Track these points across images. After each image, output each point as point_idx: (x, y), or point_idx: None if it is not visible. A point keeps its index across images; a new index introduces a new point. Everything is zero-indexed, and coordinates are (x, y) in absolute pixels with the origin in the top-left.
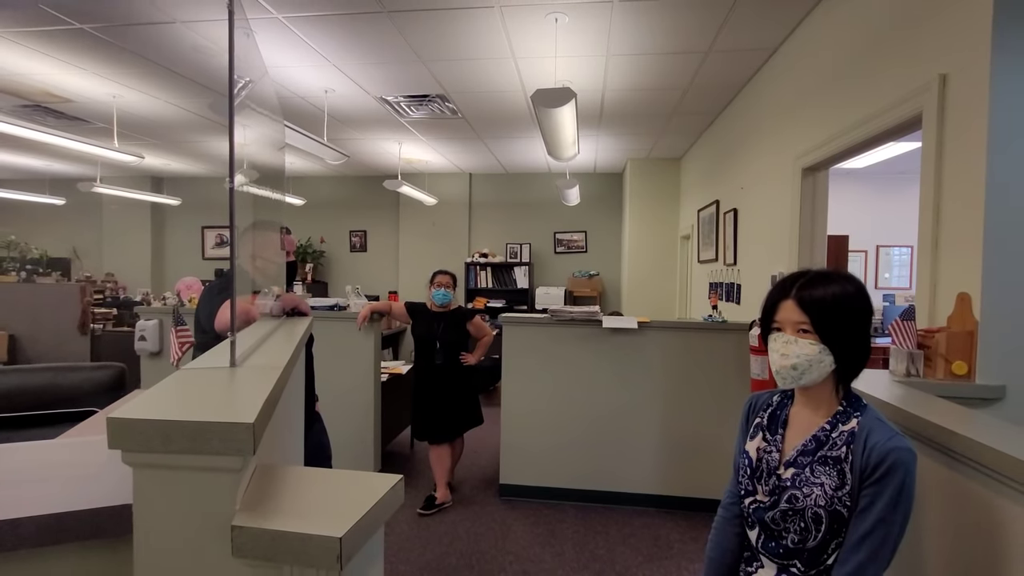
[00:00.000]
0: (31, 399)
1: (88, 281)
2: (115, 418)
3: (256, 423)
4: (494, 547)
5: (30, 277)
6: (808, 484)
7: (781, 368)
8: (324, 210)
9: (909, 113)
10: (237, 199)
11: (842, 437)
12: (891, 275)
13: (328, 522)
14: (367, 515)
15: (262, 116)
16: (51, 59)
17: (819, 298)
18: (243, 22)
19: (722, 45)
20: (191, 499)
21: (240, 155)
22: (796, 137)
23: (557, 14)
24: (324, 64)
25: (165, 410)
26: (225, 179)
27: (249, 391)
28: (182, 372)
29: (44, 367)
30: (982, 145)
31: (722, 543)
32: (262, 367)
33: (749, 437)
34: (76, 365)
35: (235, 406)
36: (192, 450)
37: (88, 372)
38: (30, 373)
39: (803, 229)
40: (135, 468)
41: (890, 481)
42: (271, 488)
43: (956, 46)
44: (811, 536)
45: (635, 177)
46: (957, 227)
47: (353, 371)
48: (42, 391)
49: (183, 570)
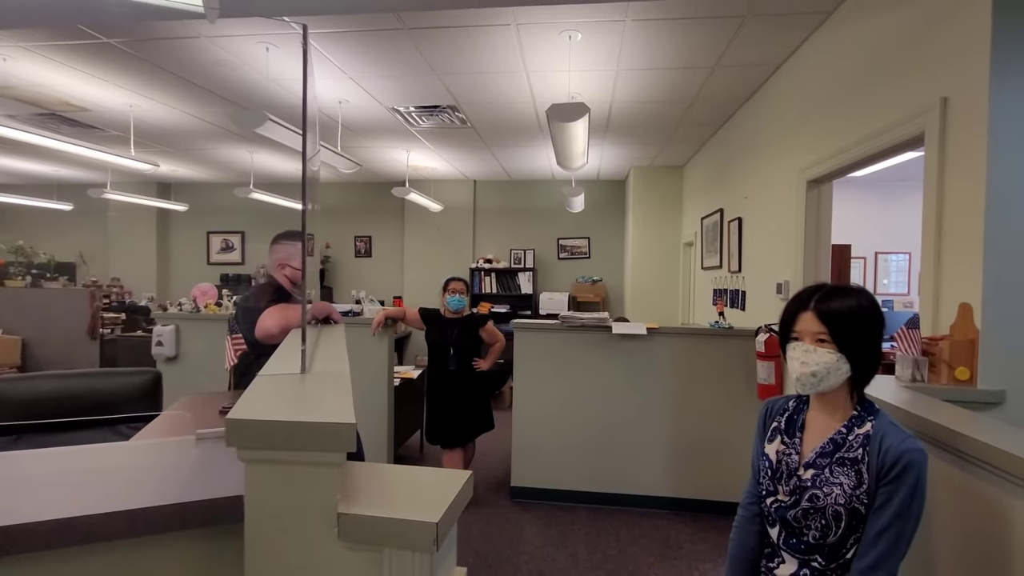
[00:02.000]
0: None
1: (95, 286)
2: (235, 419)
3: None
4: (509, 547)
5: (37, 282)
6: (828, 484)
7: (801, 375)
8: (329, 216)
9: (912, 132)
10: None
11: (858, 440)
12: (889, 281)
13: (424, 509)
14: (453, 503)
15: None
16: (73, 70)
17: (837, 310)
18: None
19: (728, 60)
20: (301, 490)
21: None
22: (800, 150)
23: (571, 32)
24: (341, 77)
25: (274, 412)
26: (234, 186)
27: (334, 394)
28: (263, 378)
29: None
30: (982, 164)
31: (744, 541)
32: (329, 373)
33: (767, 440)
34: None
35: (333, 408)
36: (305, 447)
37: (125, 377)
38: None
39: (808, 239)
40: (248, 464)
41: (905, 480)
42: (359, 482)
43: (956, 69)
44: (832, 532)
45: (638, 184)
46: (958, 241)
47: (367, 376)
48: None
49: (292, 553)
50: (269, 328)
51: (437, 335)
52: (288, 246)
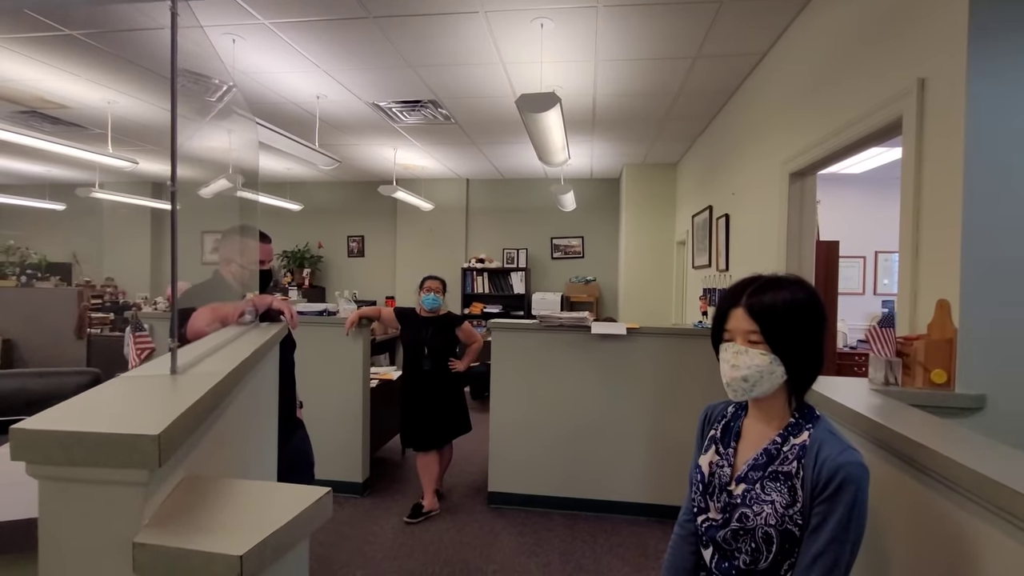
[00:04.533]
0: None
1: (87, 286)
2: (18, 428)
3: (164, 435)
4: (479, 556)
5: (29, 282)
6: (758, 502)
7: (731, 380)
8: (322, 215)
9: (890, 117)
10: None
11: (793, 451)
12: (890, 281)
13: (231, 540)
14: (279, 532)
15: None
16: (43, 65)
17: (769, 305)
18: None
19: (709, 51)
20: (94, 513)
21: (224, 160)
22: (783, 142)
23: (542, 19)
24: (314, 70)
25: (74, 420)
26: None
27: (172, 400)
28: (118, 380)
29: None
30: (960, 149)
31: (677, 562)
32: (205, 374)
33: (703, 450)
34: (48, 370)
35: (146, 417)
36: (95, 462)
37: (61, 377)
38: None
39: (791, 234)
40: (40, 480)
41: (841, 498)
42: (194, 501)
43: (934, 50)
44: (763, 557)
45: (631, 182)
46: (936, 233)
47: (341, 377)
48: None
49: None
50: (199, 328)
51: (411, 334)
52: (238, 241)
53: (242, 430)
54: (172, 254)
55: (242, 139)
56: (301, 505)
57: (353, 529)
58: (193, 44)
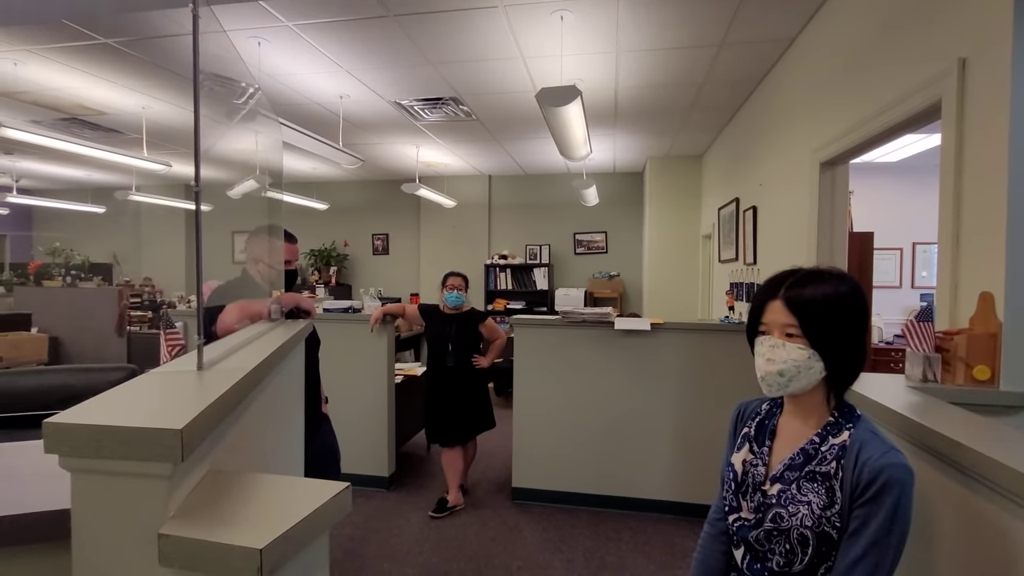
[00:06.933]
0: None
1: (127, 285)
2: (51, 422)
3: (187, 429)
4: (503, 552)
5: (73, 282)
6: (794, 502)
7: (767, 374)
8: (347, 214)
9: (927, 101)
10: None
11: (832, 451)
12: (929, 273)
13: (253, 533)
14: (298, 525)
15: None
16: (82, 73)
17: (809, 299)
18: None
19: (735, 37)
20: (123, 505)
21: (251, 161)
22: (813, 131)
23: (563, 11)
24: (337, 70)
25: (103, 415)
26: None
27: (196, 395)
28: (147, 376)
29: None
30: (1004, 133)
31: (707, 561)
32: (230, 370)
33: (736, 448)
34: (89, 367)
35: (170, 411)
36: (123, 456)
37: (101, 373)
38: (46, 374)
39: (822, 226)
40: (73, 473)
41: (884, 501)
42: (218, 495)
43: (976, 28)
44: (797, 559)
45: (655, 175)
46: (979, 222)
47: (367, 373)
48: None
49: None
50: (229, 324)
51: (435, 331)
52: (266, 240)
53: (268, 425)
54: (197, 253)
55: (268, 140)
56: (321, 499)
57: (380, 522)
58: (218, 48)
